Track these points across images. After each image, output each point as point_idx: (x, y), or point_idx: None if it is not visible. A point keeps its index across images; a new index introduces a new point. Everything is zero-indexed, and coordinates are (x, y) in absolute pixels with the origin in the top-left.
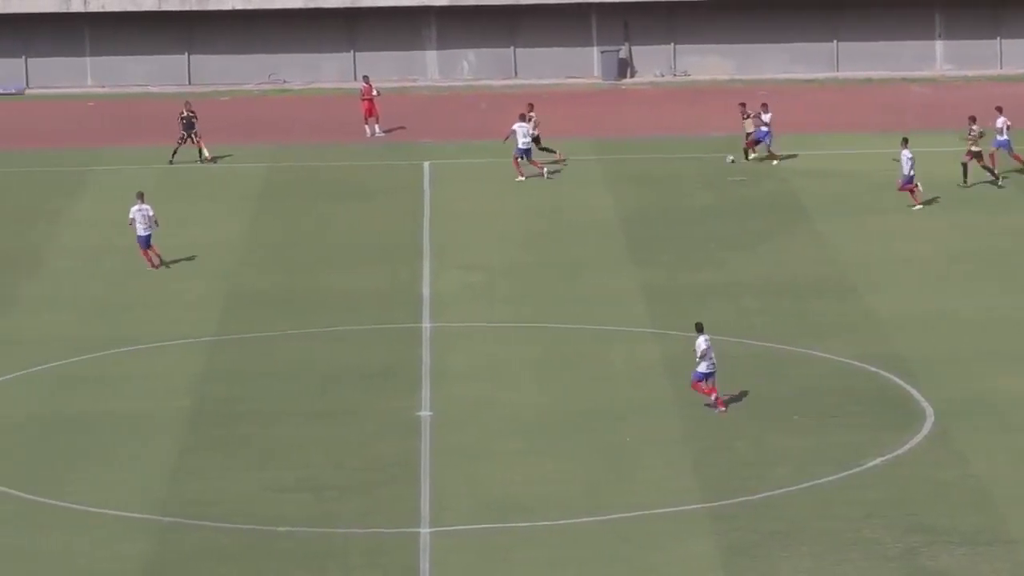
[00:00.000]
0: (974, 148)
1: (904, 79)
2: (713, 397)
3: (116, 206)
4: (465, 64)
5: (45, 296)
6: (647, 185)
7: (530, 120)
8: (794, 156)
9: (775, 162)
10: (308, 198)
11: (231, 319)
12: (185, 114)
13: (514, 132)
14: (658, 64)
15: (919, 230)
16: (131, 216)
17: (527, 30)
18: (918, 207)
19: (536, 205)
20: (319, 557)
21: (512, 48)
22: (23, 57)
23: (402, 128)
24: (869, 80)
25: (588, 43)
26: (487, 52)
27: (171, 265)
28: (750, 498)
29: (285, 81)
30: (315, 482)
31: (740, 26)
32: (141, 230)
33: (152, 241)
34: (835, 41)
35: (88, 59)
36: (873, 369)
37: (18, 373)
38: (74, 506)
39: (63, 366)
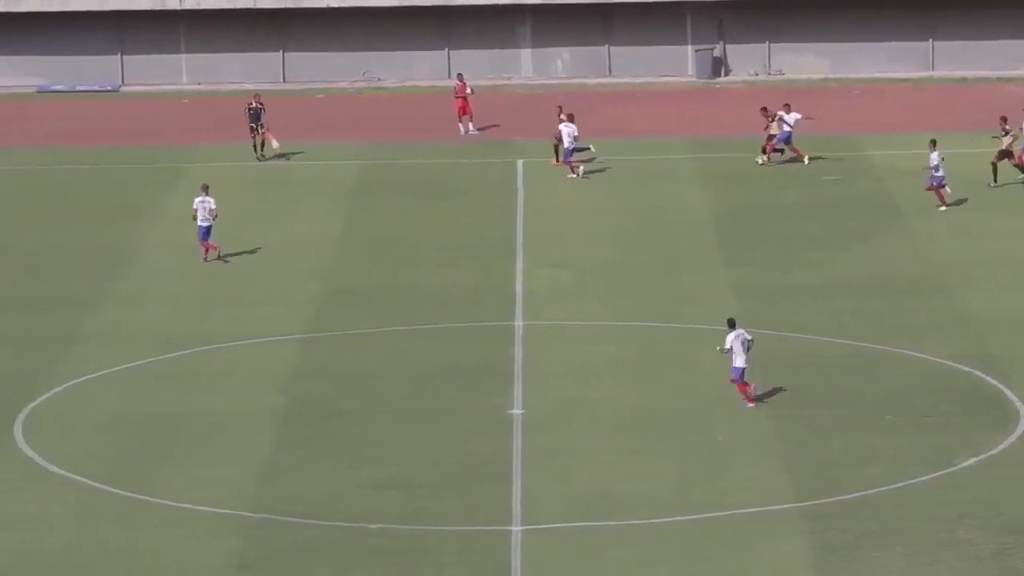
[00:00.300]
0: (1004, 148)
1: (999, 78)
2: (751, 390)
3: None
4: (559, 62)
5: (139, 293)
6: (740, 184)
7: (567, 120)
8: (819, 157)
9: (806, 160)
10: (401, 196)
11: (324, 316)
12: (253, 105)
13: (560, 132)
14: (752, 63)
15: (1014, 229)
16: (194, 207)
17: (621, 28)
18: (944, 208)
19: (629, 203)
20: (410, 554)
21: (606, 46)
22: (119, 54)
23: (496, 126)
24: (964, 79)
25: (682, 41)
26: (581, 50)
27: (252, 262)
28: (843, 498)
29: (379, 79)
30: (407, 479)
31: (835, 25)
32: (201, 222)
33: (211, 235)
34: (930, 40)
35: (183, 56)
36: (967, 369)
37: (112, 369)
38: (167, 502)
39: (157, 363)
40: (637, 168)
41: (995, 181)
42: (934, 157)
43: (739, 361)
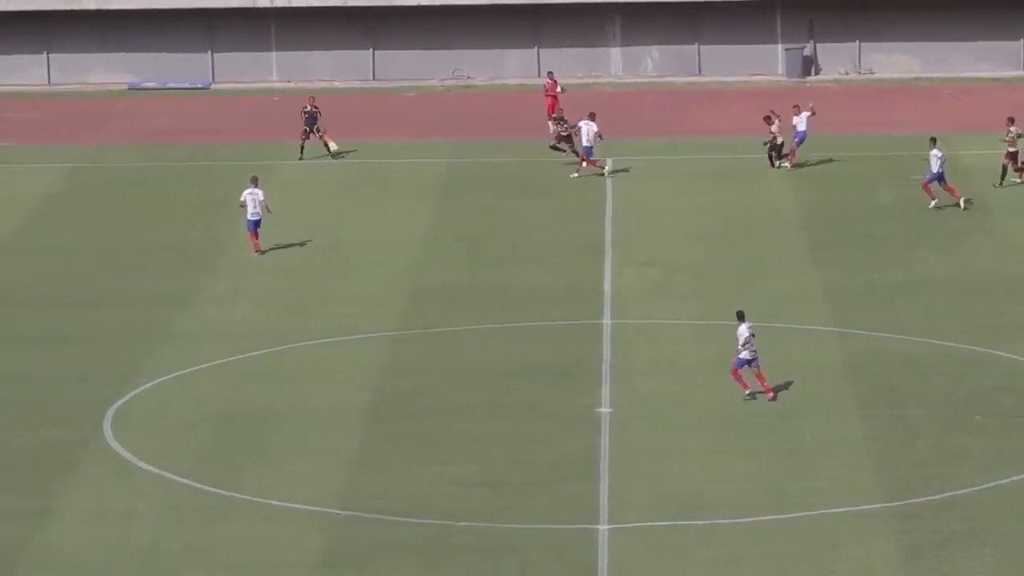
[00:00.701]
0: (1011, 149)
1: None
2: (762, 385)
3: (300, 200)
4: (649, 61)
5: (229, 290)
6: (829, 183)
7: (564, 122)
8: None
9: (788, 165)
10: (490, 194)
11: (413, 314)
12: (308, 108)
13: (579, 129)
14: (843, 62)
15: None
16: (243, 199)
17: (711, 27)
18: (933, 203)
19: (718, 202)
20: (497, 552)
21: (696, 45)
22: (209, 52)
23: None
24: None
25: (772, 40)
26: (671, 49)
27: (344, 260)
28: (931, 498)
29: (469, 77)
30: (494, 477)
31: (926, 24)
32: (251, 215)
33: (259, 227)
34: (1022, 40)
35: (274, 54)
36: None
37: (202, 366)
38: (255, 499)
39: (247, 360)
40: (726, 167)
41: (1001, 182)
42: (934, 154)
43: (745, 353)
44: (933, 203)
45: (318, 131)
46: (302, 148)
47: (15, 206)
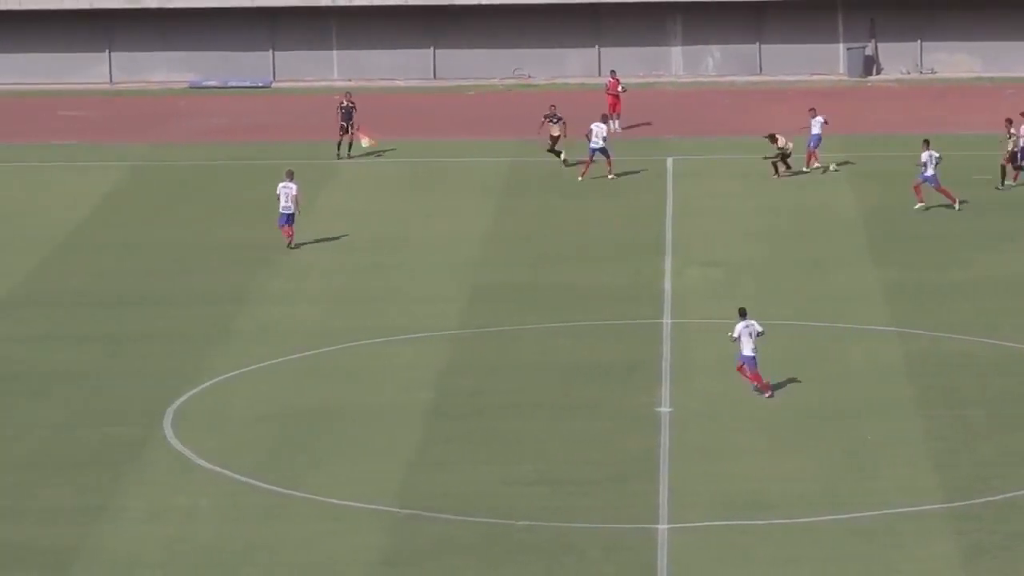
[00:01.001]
0: (1012, 149)
1: None
2: (761, 383)
3: (363, 199)
4: (710, 60)
5: (291, 288)
6: (891, 183)
7: (557, 121)
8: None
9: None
10: (551, 193)
11: (475, 312)
12: (344, 104)
13: (591, 131)
14: (904, 61)
15: None
16: (277, 192)
17: (772, 26)
18: (919, 205)
19: (778, 202)
20: (556, 551)
21: (757, 44)
22: (270, 50)
23: (647, 124)
24: None
25: (834, 40)
26: (732, 48)
27: (412, 257)
28: (992, 499)
29: (530, 76)
30: (554, 476)
31: (988, 23)
32: (283, 209)
33: (292, 222)
34: None
35: (335, 53)
36: None
37: (263, 364)
38: (315, 497)
39: (306, 358)
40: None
41: (1002, 184)
42: (929, 156)
43: (747, 350)
44: (919, 205)
45: (353, 127)
46: (339, 145)
47: (76, 204)
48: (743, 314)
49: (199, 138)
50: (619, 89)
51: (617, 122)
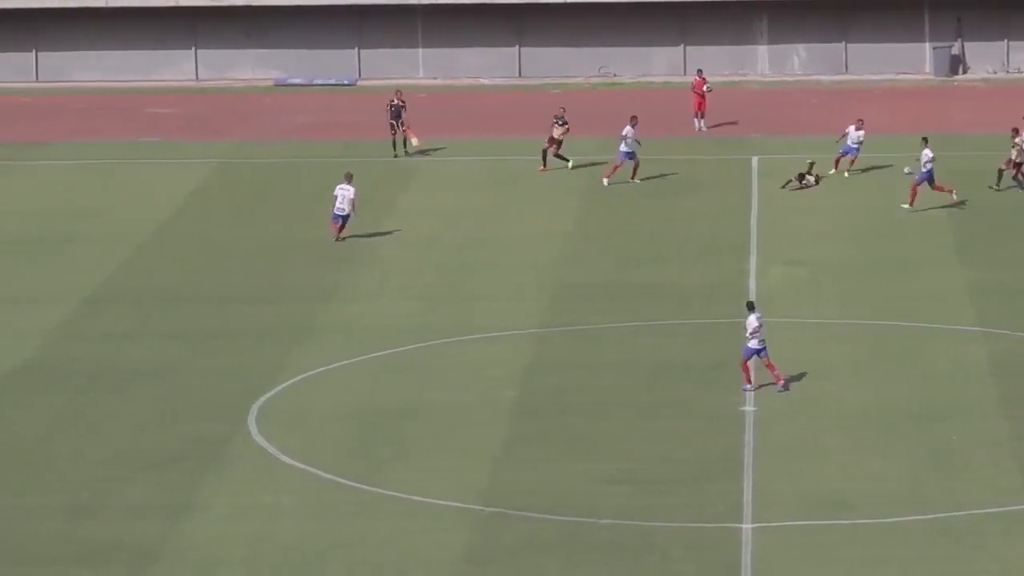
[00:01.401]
0: (1017, 159)
1: None
2: (773, 375)
3: (448, 197)
4: (796, 59)
5: (375, 286)
6: (976, 182)
7: (563, 124)
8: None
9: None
10: (635, 192)
11: (559, 311)
12: (395, 102)
13: (624, 134)
14: (991, 60)
15: None
16: (335, 193)
17: (858, 25)
18: (906, 206)
19: (864, 201)
20: (639, 550)
21: (843, 43)
22: (356, 48)
23: (732, 123)
24: None
25: (920, 39)
26: (818, 47)
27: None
28: None
29: (615, 75)
30: (638, 475)
31: None
32: (336, 210)
33: (345, 223)
34: None
35: (420, 51)
36: None
37: (346, 362)
38: (399, 495)
39: (390, 356)
40: (872, 166)
41: (997, 185)
42: (926, 154)
43: (754, 343)
44: (906, 206)
45: (402, 125)
46: (394, 144)
47: (162, 201)
48: (751, 307)
49: (284, 136)
50: (705, 88)
51: (703, 121)
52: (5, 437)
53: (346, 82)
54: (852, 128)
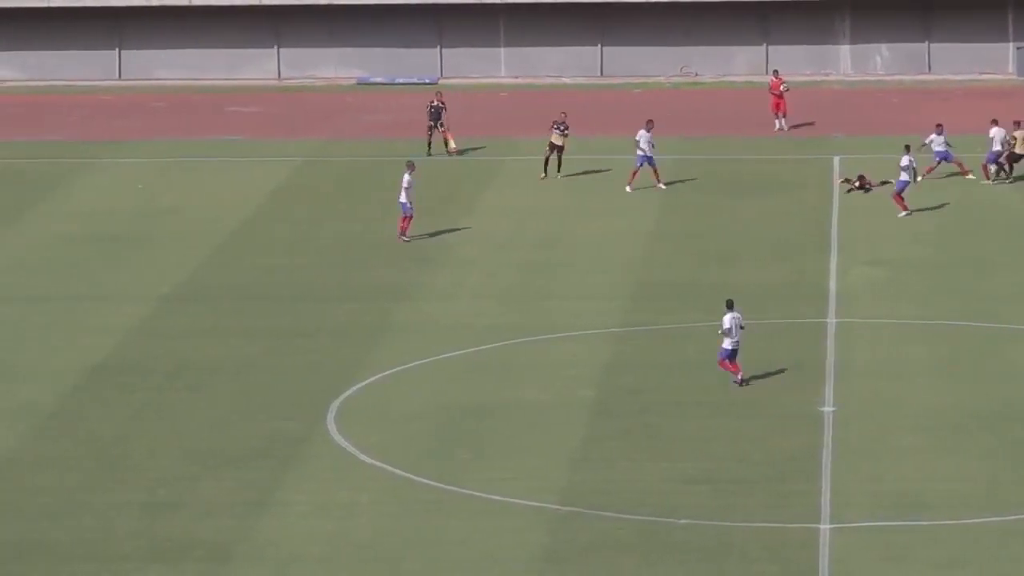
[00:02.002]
0: (1019, 151)
1: None
2: (738, 375)
3: (526, 196)
4: (878, 59)
5: (454, 284)
6: None
7: (564, 130)
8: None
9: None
10: (716, 191)
11: (638, 310)
12: (435, 103)
13: (638, 139)
14: None
15: None
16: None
17: (941, 24)
18: (903, 213)
19: (945, 201)
20: (717, 550)
21: (926, 43)
22: (438, 47)
23: (811, 124)
24: None
25: (1004, 38)
26: (900, 47)
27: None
28: None
29: (696, 74)
30: (716, 474)
31: None
32: (403, 197)
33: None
34: None
35: (502, 50)
36: None
37: (425, 360)
38: (476, 494)
39: (470, 354)
40: (951, 165)
41: (997, 176)
42: (905, 160)
43: (727, 343)
44: (903, 213)
45: (442, 126)
46: (429, 144)
47: (244, 199)
48: (730, 306)
49: (366, 134)
50: (782, 88)
51: (784, 121)
52: (84, 434)
53: (428, 81)
54: (935, 135)
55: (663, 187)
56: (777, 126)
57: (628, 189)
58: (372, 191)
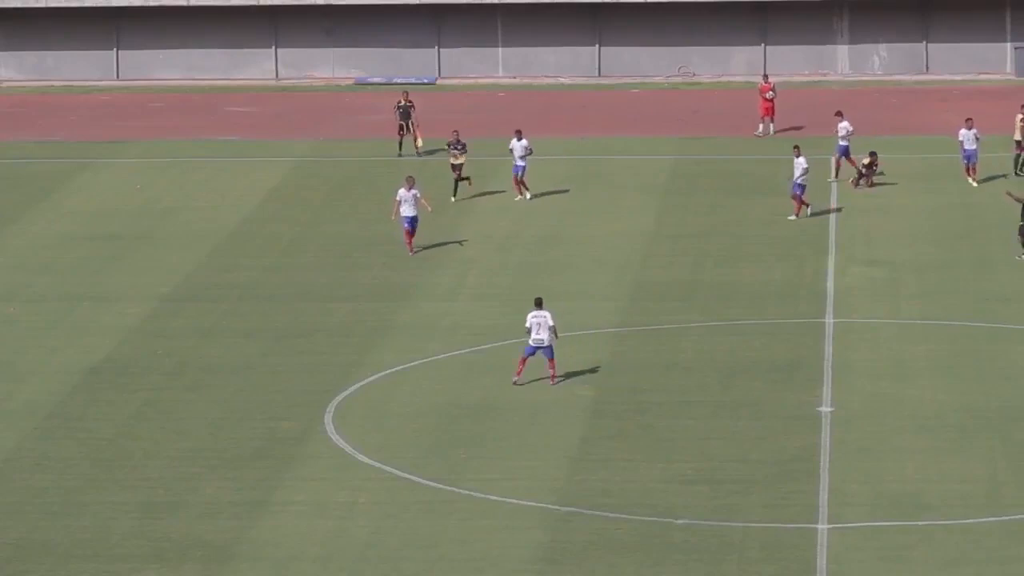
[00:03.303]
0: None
1: None
2: (518, 373)
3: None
4: (876, 59)
5: (453, 284)
6: None
7: (459, 148)
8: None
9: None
10: (714, 191)
11: (636, 310)
12: (402, 103)
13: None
14: None
15: None
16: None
17: (939, 24)
18: (793, 217)
19: (946, 201)
20: (716, 550)
21: (924, 43)
22: (436, 47)
23: (812, 123)
24: None
25: (1002, 39)
26: (899, 47)
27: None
28: None
29: (695, 74)
30: (714, 475)
31: None
32: (404, 211)
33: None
34: None
35: (500, 50)
36: None
37: (423, 360)
38: (475, 493)
39: (467, 354)
40: (952, 166)
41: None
42: (799, 163)
43: (533, 340)
44: (812, 212)
45: (412, 126)
46: (400, 144)
47: (242, 199)
48: (539, 303)
49: (364, 134)
50: (768, 94)
51: (771, 125)
52: (83, 434)
53: (426, 81)
54: (964, 129)
55: (528, 198)
56: (760, 129)
57: (517, 198)
58: (371, 191)
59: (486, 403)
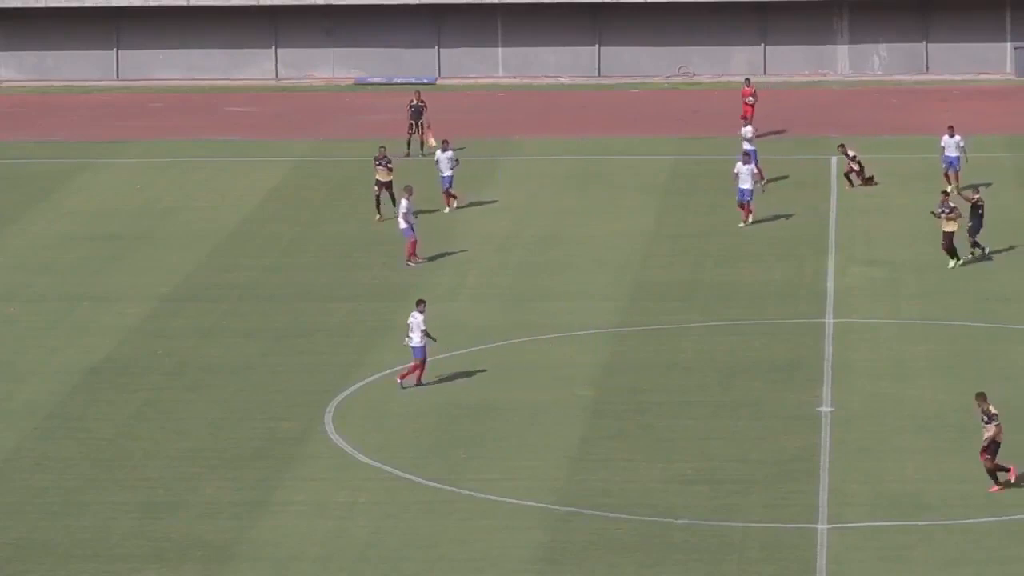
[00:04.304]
0: None
1: None
2: (408, 375)
3: (526, 196)
4: (876, 59)
5: (453, 284)
6: None
7: (386, 164)
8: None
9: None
10: (714, 191)
11: (636, 310)
12: (415, 102)
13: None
14: None
15: None
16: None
17: (939, 24)
18: (742, 225)
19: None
20: (716, 550)
21: (924, 43)
22: (436, 47)
23: (813, 122)
24: None
25: (1002, 39)
26: (899, 47)
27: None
28: None
29: (695, 74)
30: (714, 475)
31: None
32: (403, 224)
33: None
34: None
35: (500, 50)
36: None
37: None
38: (475, 493)
39: (467, 354)
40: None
41: None
42: (745, 169)
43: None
44: (742, 225)
45: (422, 126)
46: (408, 143)
47: (241, 199)
48: (417, 304)
49: (364, 134)
50: (749, 99)
51: (749, 128)
52: (83, 434)
53: (426, 81)
54: (946, 136)
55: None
56: (741, 133)
57: (446, 211)
58: (371, 191)
59: (486, 403)
